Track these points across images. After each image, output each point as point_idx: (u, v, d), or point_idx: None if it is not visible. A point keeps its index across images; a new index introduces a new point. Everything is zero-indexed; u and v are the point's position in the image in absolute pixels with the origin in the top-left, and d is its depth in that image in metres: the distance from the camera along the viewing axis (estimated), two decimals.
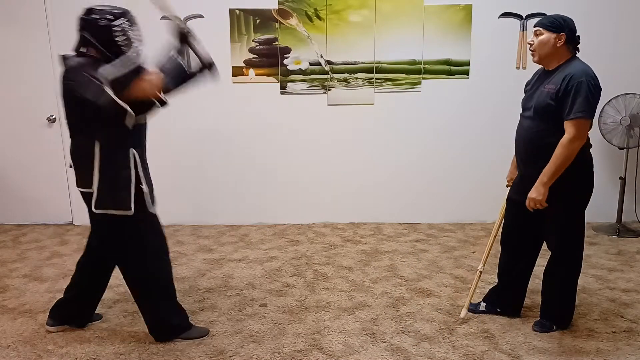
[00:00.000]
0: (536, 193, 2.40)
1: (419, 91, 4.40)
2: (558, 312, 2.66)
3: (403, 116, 4.45)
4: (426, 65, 4.35)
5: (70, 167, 2.47)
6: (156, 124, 4.49)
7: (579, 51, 2.48)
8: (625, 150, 4.18)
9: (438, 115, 4.43)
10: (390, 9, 4.26)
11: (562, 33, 2.39)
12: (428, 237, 4.22)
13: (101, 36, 2.29)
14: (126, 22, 2.33)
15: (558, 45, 2.40)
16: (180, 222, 4.62)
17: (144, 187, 2.39)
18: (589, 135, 2.46)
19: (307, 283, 3.30)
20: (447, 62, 4.34)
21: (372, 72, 4.36)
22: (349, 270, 3.52)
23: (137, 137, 2.40)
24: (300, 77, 4.38)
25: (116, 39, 2.30)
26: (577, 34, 2.44)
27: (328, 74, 4.37)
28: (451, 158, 4.51)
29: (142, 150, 2.45)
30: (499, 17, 4.26)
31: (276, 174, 4.56)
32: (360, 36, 4.30)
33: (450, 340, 2.58)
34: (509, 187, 2.81)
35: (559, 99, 2.36)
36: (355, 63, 4.35)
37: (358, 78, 4.37)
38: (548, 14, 2.51)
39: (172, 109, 4.45)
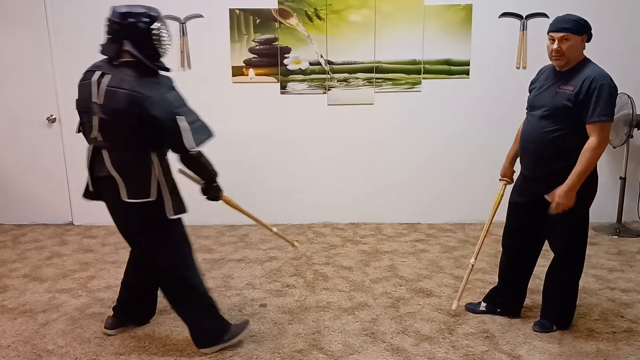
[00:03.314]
0: (566, 199, 2.36)
1: (419, 91, 4.39)
2: (559, 313, 2.66)
3: (403, 116, 4.45)
4: (426, 65, 4.34)
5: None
6: None
7: (585, 48, 2.47)
8: (625, 149, 4.18)
9: (438, 115, 4.43)
10: (390, 9, 4.26)
11: (585, 34, 2.40)
12: (428, 237, 4.22)
13: (139, 40, 2.25)
14: (162, 25, 2.31)
15: (583, 46, 2.41)
16: None
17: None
18: None
19: (307, 283, 3.30)
20: (447, 62, 4.34)
21: (372, 72, 4.36)
22: (349, 270, 3.52)
23: None
24: (300, 77, 4.38)
25: (154, 43, 2.28)
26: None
27: (328, 73, 4.37)
28: (451, 158, 4.51)
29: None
30: (499, 17, 4.26)
31: (276, 174, 4.56)
32: (360, 36, 4.30)
33: (450, 340, 2.58)
34: (502, 182, 2.83)
35: (579, 101, 2.33)
36: (355, 63, 4.35)
37: (358, 78, 4.37)
38: (557, 15, 2.47)
39: None
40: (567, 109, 2.37)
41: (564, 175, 2.38)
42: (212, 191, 2.62)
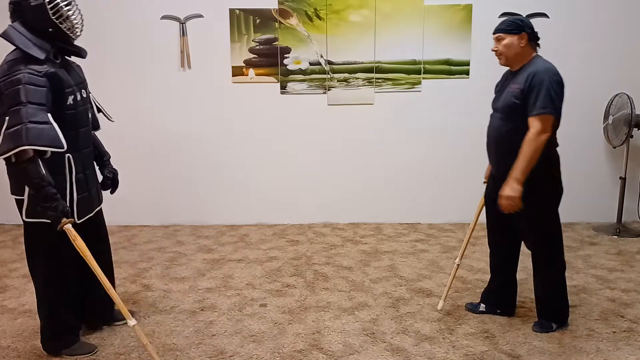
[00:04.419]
0: (509, 190, 2.40)
1: (419, 91, 4.39)
2: (554, 310, 2.66)
3: (403, 116, 4.45)
4: (426, 65, 4.34)
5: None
6: (156, 124, 4.51)
7: (539, 47, 2.53)
8: (625, 149, 4.18)
9: (438, 115, 4.43)
10: (390, 9, 4.26)
11: (523, 33, 2.45)
12: (428, 237, 4.22)
13: (34, 20, 2.15)
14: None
15: (522, 45, 2.46)
16: (180, 222, 4.62)
17: (75, 194, 2.33)
18: (556, 135, 2.50)
19: (307, 283, 3.30)
20: (447, 62, 4.34)
21: (372, 72, 4.36)
22: (349, 270, 3.52)
23: (73, 141, 2.29)
24: (300, 77, 4.38)
25: (54, 20, 2.17)
26: (536, 31, 2.49)
27: (328, 74, 4.37)
28: (451, 158, 4.51)
29: (79, 154, 2.36)
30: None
31: (276, 174, 4.56)
32: (360, 36, 4.30)
33: (450, 340, 2.58)
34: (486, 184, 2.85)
35: (524, 97, 2.40)
36: (355, 63, 4.35)
37: (358, 78, 4.37)
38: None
39: (172, 109, 4.47)
40: (516, 107, 2.43)
41: None
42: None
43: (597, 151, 4.44)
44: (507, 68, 2.63)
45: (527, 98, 2.38)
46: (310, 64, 4.35)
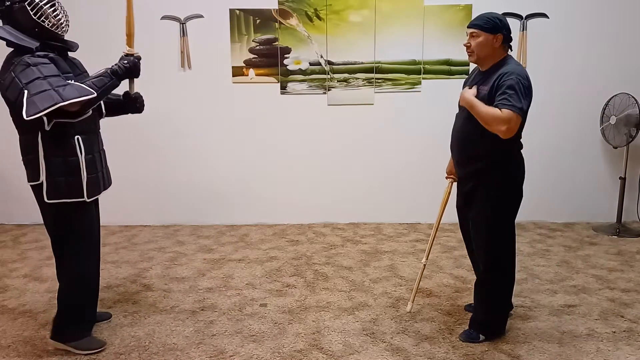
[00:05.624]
0: (466, 98, 2.36)
1: (419, 91, 4.40)
2: (484, 320, 2.57)
3: (403, 116, 4.45)
4: (426, 65, 4.35)
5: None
6: (156, 124, 4.51)
7: (512, 49, 2.46)
8: (625, 149, 4.18)
9: (438, 115, 4.42)
10: (390, 9, 4.26)
11: (499, 34, 2.35)
12: (428, 237, 4.21)
13: (20, 21, 2.23)
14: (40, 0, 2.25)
15: (496, 46, 2.37)
16: (180, 222, 4.62)
17: (85, 174, 2.39)
18: (520, 137, 2.42)
19: (307, 283, 3.30)
20: (447, 62, 4.34)
21: (372, 72, 4.36)
22: (349, 270, 3.52)
23: (81, 124, 2.38)
24: (300, 77, 4.38)
25: (37, 19, 2.24)
26: (511, 34, 2.40)
27: (328, 74, 4.37)
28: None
29: (87, 136, 2.42)
30: None
31: (276, 174, 4.56)
32: (360, 36, 4.30)
33: (450, 340, 2.58)
34: (448, 180, 2.83)
35: (492, 97, 2.30)
36: (355, 63, 4.35)
37: (358, 78, 4.37)
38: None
39: (172, 109, 4.47)
40: None
41: (484, 174, 2.40)
42: (126, 72, 2.49)
43: (597, 151, 4.44)
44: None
45: (495, 96, 2.28)
46: (310, 64, 4.36)
